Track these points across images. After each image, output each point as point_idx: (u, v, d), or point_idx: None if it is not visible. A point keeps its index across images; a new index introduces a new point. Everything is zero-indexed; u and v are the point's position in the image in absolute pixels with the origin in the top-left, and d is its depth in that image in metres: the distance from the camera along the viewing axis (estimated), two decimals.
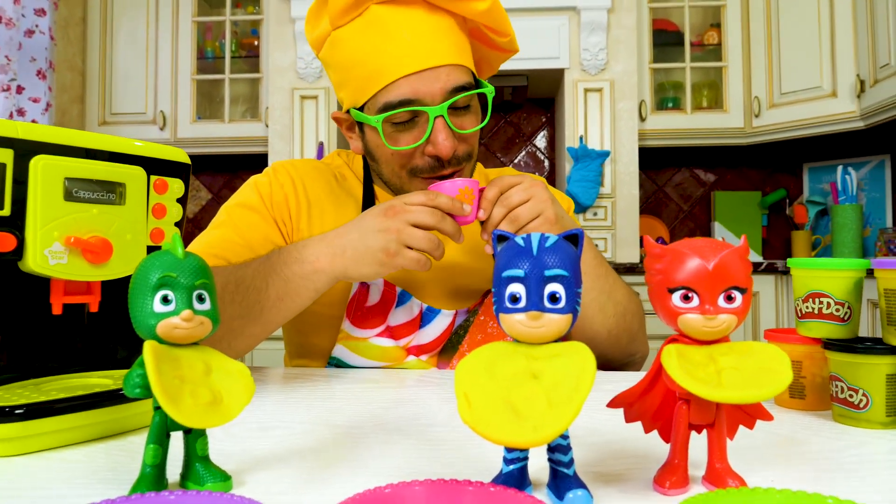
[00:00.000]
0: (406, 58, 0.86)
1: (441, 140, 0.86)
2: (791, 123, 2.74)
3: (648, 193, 3.27)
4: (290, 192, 1.01)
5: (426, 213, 0.78)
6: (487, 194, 0.82)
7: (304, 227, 1.00)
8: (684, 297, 0.43)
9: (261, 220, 0.99)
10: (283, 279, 0.83)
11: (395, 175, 0.94)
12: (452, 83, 0.87)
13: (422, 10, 0.87)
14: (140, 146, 0.64)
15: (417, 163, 0.90)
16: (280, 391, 0.78)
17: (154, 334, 0.43)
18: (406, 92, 0.86)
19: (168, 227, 0.67)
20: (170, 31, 3.06)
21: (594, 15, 2.76)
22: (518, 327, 0.42)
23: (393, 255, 0.78)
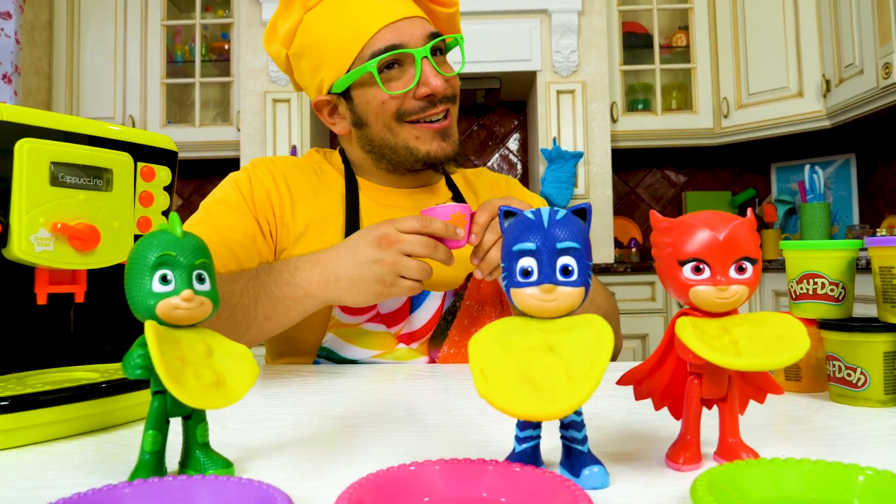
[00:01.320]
0: (384, 10, 0.93)
1: (432, 78, 0.92)
2: (759, 123, 2.79)
3: (620, 194, 3.30)
4: (271, 188, 0.99)
5: (420, 244, 0.78)
6: (479, 219, 0.82)
7: (289, 222, 0.99)
8: (695, 269, 0.43)
9: (240, 219, 0.96)
10: (273, 300, 0.83)
11: (387, 129, 0.96)
12: (428, 29, 0.95)
13: None
14: (127, 132, 0.62)
15: (408, 106, 0.94)
16: (269, 387, 0.76)
17: (153, 315, 0.41)
18: (390, 38, 0.92)
19: (155, 215, 0.65)
20: (139, 35, 3.01)
21: (565, 18, 2.79)
22: (531, 301, 0.41)
23: (389, 286, 0.79)
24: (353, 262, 0.79)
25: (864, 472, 0.37)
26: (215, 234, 0.93)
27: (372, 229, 0.80)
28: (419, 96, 0.94)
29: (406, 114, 0.95)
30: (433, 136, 0.96)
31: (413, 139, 0.96)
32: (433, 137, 0.96)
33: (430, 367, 0.92)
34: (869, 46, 2.28)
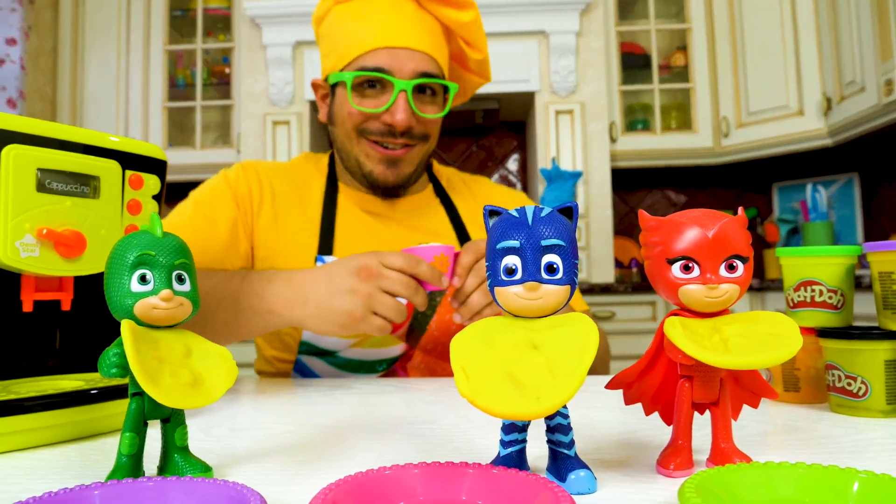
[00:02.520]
0: (389, 33, 0.95)
1: (399, 112, 0.94)
2: (760, 142, 2.79)
3: (621, 215, 3.30)
4: (254, 185, 1.02)
5: (401, 284, 0.76)
6: (463, 260, 0.80)
7: (266, 218, 1.00)
8: (684, 267, 0.42)
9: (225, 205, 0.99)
10: (236, 308, 0.81)
11: (347, 137, 1.00)
12: (423, 68, 0.96)
13: (412, 5, 0.97)
14: (115, 140, 0.62)
15: (370, 125, 0.97)
16: (253, 398, 0.75)
17: (131, 315, 0.41)
18: (381, 61, 0.95)
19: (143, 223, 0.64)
20: (141, 60, 3.04)
21: (563, 39, 2.81)
22: (515, 300, 0.40)
23: (357, 320, 0.76)
24: (327, 288, 0.77)
25: (860, 475, 0.36)
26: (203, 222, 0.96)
27: (355, 257, 0.78)
28: (383, 122, 0.97)
29: (366, 132, 0.98)
30: (381, 160, 0.99)
31: (364, 155, 1.00)
32: (380, 161, 0.99)
33: (420, 381, 0.91)
34: (870, 63, 2.29)
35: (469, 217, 1.09)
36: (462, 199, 1.13)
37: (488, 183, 1.20)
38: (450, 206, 1.09)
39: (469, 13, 0.99)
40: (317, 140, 3.02)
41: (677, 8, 3.12)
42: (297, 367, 0.98)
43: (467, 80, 1.10)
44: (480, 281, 0.78)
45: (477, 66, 1.07)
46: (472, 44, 1.03)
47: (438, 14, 0.99)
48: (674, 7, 3.15)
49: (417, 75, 0.95)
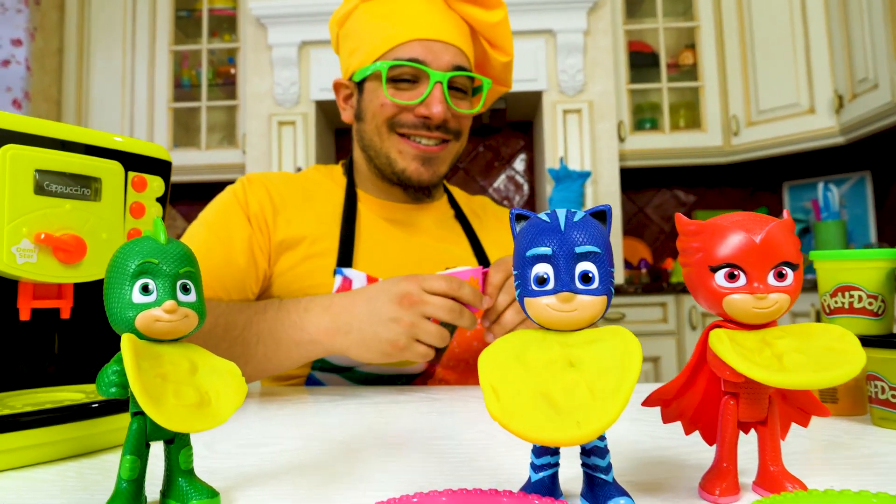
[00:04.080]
0: (422, 25, 0.93)
1: (436, 103, 0.91)
2: (770, 141, 2.76)
3: (629, 215, 3.26)
4: (264, 200, 0.98)
5: (445, 309, 0.73)
6: (493, 279, 0.78)
7: (282, 232, 0.96)
8: (729, 275, 0.39)
9: (239, 227, 0.94)
10: (276, 340, 0.79)
11: (377, 132, 0.96)
12: (458, 61, 0.94)
13: (441, 4, 0.96)
14: (117, 140, 0.59)
15: (403, 118, 0.94)
16: (263, 409, 0.72)
17: (132, 328, 0.38)
18: (417, 52, 0.92)
19: (147, 227, 0.61)
20: (146, 61, 3.02)
21: (570, 37, 2.78)
22: (547, 312, 0.37)
23: (401, 349, 0.74)
24: (369, 316, 0.74)
25: None
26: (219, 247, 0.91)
27: (395, 283, 0.75)
28: (417, 114, 0.94)
29: (399, 124, 0.95)
30: (415, 157, 0.96)
31: (396, 151, 0.96)
32: (415, 158, 0.96)
33: (436, 389, 0.88)
34: (882, 60, 2.25)
35: (483, 234, 1.07)
36: (474, 215, 1.11)
37: (491, 202, 1.19)
38: (462, 219, 1.07)
39: (497, 13, 0.97)
40: (322, 141, 2.99)
41: (685, 6, 3.08)
42: (309, 382, 0.95)
43: (491, 90, 1.08)
44: (512, 299, 0.77)
45: (500, 71, 1.04)
46: (499, 45, 1.00)
47: (466, 14, 0.97)
48: (681, 5, 3.11)
49: (452, 68, 0.93)
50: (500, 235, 1.09)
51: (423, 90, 0.93)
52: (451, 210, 1.08)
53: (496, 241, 1.07)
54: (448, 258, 1.00)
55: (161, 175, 0.63)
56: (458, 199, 1.11)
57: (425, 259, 0.98)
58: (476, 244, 1.03)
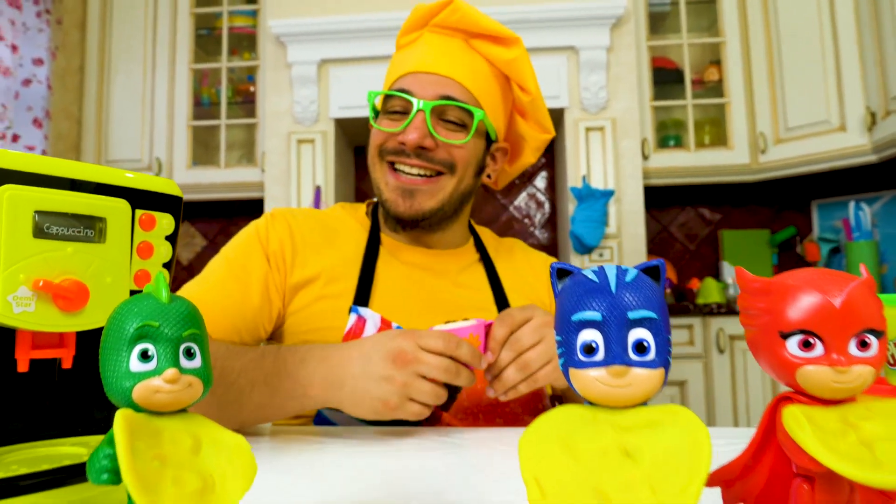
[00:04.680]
0: (419, 60, 0.95)
1: (411, 129, 0.91)
2: (799, 159, 2.68)
3: (653, 233, 3.20)
4: (284, 237, 0.96)
5: (441, 369, 0.70)
6: (496, 334, 0.75)
7: (298, 270, 0.95)
8: (804, 343, 0.34)
9: (258, 264, 0.93)
10: (271, 390, 0.75)
11: (372, 162, 0.99)
12: (447, 91, 0.93)
13: (461, 43, 0.96)
14: (123, 176, 0.55)
15: (388, 145, 0.95)
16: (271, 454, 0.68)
17: (129, 400, 0.34)
18: (406, 83, 0.94)
19: (155, 268, 0.58)
20: (166, 79, 3.03)
21: (593, 54, 2.73)
22: (596, 386, 0.33)
23: (392, 408, 0.70)
24: (362, 372, 0.71)
25: None
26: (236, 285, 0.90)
27: (391, 339, 0.72)
28: (398, 140, 0.93)
29: (385, 151, 0.96)
30: (396, 188, 0.94)
31: (383, 181, 0.96)
32: (395, 189, 0.94)
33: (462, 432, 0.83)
34: None
35: (507, 281, 1.02)
36: (500, 259, 1.06)
37: (522, 245, 1.14)
38: (489, 265, 1.03)
39: (513, 50, 0.96)
40: (342, 159, 2.97)
41: (710, 21, 3.03)
42: (318, 419, 0.91)
43: (529, 135, 1.05)
44: (515, 355, 0.74)
45: (531, 114, 1.02)
46: (519, 83, 0.99)
47: (484, 52, 0.96)
48: (706, 20, 3.06)
49: (439, 97, 0.93)
50: (526, 280, 1.04)
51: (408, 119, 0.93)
52: (476, 254, 1.04)
53: (520, 288, 1.02)
54: (466, 305, 0.96)
55: (171, 212, 0.59)
56: (485, 243, 1.08)
57: (442, 305, 0.95)
58: (498, 290, 0.99)
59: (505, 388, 0.74)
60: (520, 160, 1.09)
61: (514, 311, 0.76)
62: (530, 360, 0.73)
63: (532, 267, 1.07)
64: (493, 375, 0.75)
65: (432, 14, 0.96)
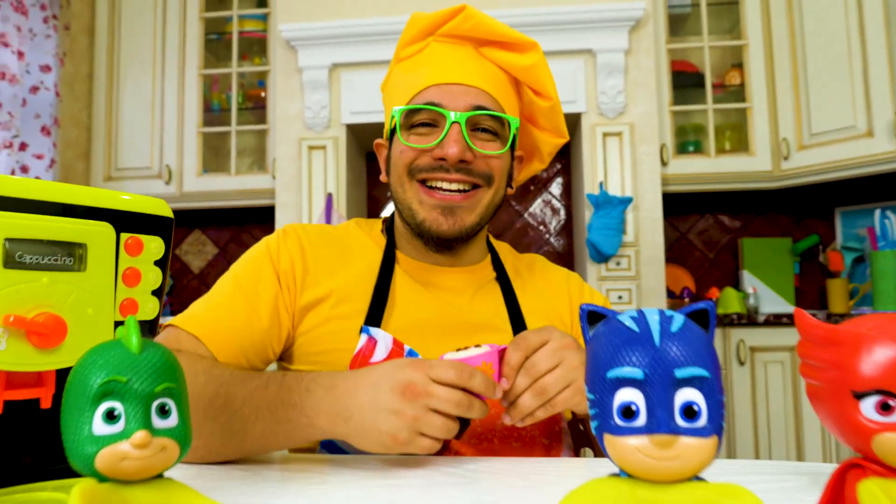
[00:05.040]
0: (441, 71, 0.90)
1: (451, 143, 0.85)
2: (824, 165, 2.61)
3: (671, 241, 3.13)
4: (296, 256, 0.92)
5: (452, 402, 0.65)
6: (510, 359, 0.70)
7: (309, 289, 0.90)
8: (882, 405, 0.29)
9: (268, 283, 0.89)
10: (275, 419, 0.71)
11: (399, 181, 0.92)
12: (479, 102, 0.88)
13: (471, 51, 0.92)
14: (107, 197, 0.51)
15: (421, 162, 0.89)
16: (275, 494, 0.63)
17: (93, 469, 0.29)
18: (432, 96, 0.88)
19: (144, 296, 0.53)
20: (176, 85, 3.00)
21: (611, 57, 2.67)
22: (637, 457, 0.28)
23: (402, 443, 0.65)
24: (370, 404, 0.66)
25: None
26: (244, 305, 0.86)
27: (400, 370, 0.67)
28: (434, 156, 0.88)
29: (418, 169, 0.89)
30: (435, 206, 0.88)
31: (417, 202, 0.90)
32: (434, 207, 0.88)
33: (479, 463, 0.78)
34: None
35: (525, 301, 0.97)
36: (519, 277, 1.01)
37: (542, 261, 1.08)
38: (506, 284, 0.97)
39: (529, 56, 0.91)
40: (353, 165, 2.93)
41: (731, 23, 2.96)
42: (326, 443, 0.86)
43: (542, 141, 1.01)
44: (531, 381, 0.69)
45: (548, 120, 0.97)
46: (538, 90, 0.94)
47: (498, 60, 0.92)
48: (728, 22, 3.00)
49: (472, 108, 0.88)
50: (545, 299, 0.99)
51: (440, 133, 0.87)
52: (493, 273, 0.99)
53: (538, 308, 0.97)
54: (481, 326, 0.91)
55: (160, 234, 0.55)
56: (503, 260, 1.02)
57: (456, 326, 0.91)
58: (514, 311, 0.94)
59: (521, 416, 0.70)
60: (531, 166, 1.04)
61: (530, 335, 0.72)
62: (547, 386, 0.69)
63: (551, 284, 1.01)
64: (509, 402, 0.70)
65: (440, 23, 0.91)
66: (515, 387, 0.69)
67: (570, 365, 0.70)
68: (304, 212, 2.77)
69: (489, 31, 0.90)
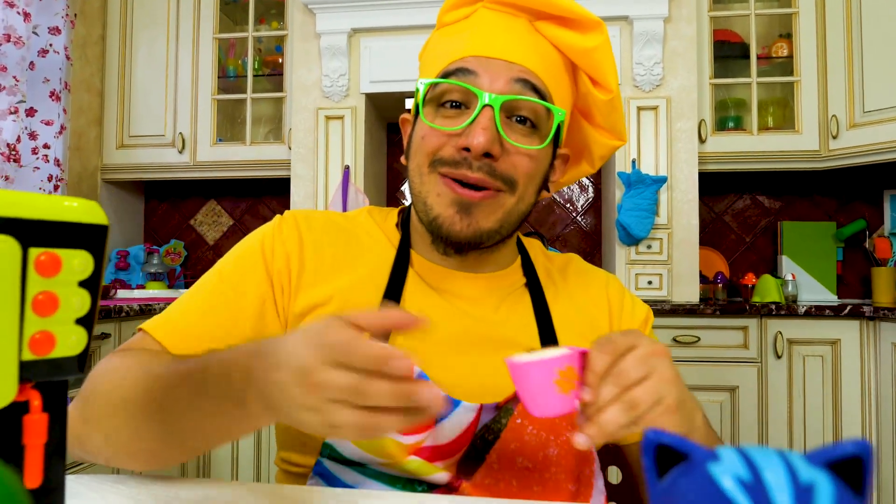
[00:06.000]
0: (482, 41, 0.75)
1: (478, 130, 0.71)
2: (876, 146, 2.42)
3: (705, 222, 2.96)
4: (293, 255, 0.79)
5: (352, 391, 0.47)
6: (596, 364, 0.56)
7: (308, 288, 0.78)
8: None
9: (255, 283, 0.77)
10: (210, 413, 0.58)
11: (418, 170, 0.78)
12: (521, 75, 0.74)
13: (524, 24, 0.77)
14: (9, 202, 0.39)
15: (445, 153, 0.75)
16: None
17: None
18: (469, 63, 0.74)
19: (64, 327, 0.41)
20: (190, 49, 2.88)
21: (649, 25, 2.49)
22: None
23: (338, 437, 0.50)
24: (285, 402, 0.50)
25: None
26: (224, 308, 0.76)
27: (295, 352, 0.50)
28: (458, 146, 0.73)
29: (440, 161, 0.75)
30: (452, 202, 0.74)
31: (434, 194, 0.75)
32: (452, 203, 0.74)
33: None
34: None
35: (558, 312, 0.83)
36: (551, 283, 0.86)
37: (578, 261, 0.93)
38: (537, 291, 0.83)
39: (592, 37, 0.75)
40: (373, 136, 2.80)
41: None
42: (319, 469, 0.75)
43: (595, 140, 0.85)
44: (619, 390, 0.54)
45: (605, 117, 0.82)
46: (597, 79, 0.79)
47: (555, 39, 0.77)
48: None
49: (511, 90, 0.73)
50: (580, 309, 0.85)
51: (469, 116, 0.73)
52: (523, 278, 0.85)
53: (572, 320, 0.82)
54: (506, 342, 0.78)
55: (88, 247, 0.43)
56: (534, 261, 0.87)
57: (478, 340, 0.77)
58: (545, 323, 0.80)
59: (605, 437, 0.55)
60: (577, 169, 0.89)
61: (616, 336, 0.58)
62: (638, 399, 0.55)
63: (588, 290, 0.87)
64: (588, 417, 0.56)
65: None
66: (601, 397, 0.55)
67: (662, 376, 0.56)
68: (319, 185, 2.65)
69: (549, 2, 0.75)
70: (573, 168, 0.88)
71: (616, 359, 0.55)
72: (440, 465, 0.73)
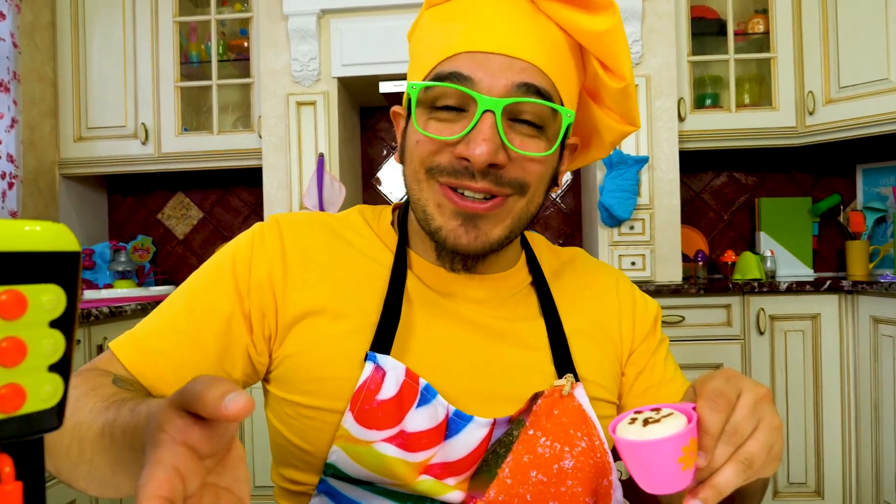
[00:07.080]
0: (481, 34, 0.66)
1: (479, 140, 0.64)
2: (851, 122, 2.42)
3: (684, 200, 2.95)
4: (275, 265, 0.73)
5: None
6: (711, 426, 0.50)
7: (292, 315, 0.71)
8: None
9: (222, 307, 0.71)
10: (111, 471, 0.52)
11: (414, 177, 0.71)
12: (524, 78, 0.66)
13: (526, 5, 0.69)
14: None
15: (441, 160, 0.68)
16: None
17: None
18: (463, 66, 0.66)
19: (35, 376, 0.35)
20: (149, 34, 2.75)
21: (626, 2, 2.44)
22: None
23: None
24: None
25: None
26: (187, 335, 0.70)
27: None
28: (457, 154, 0.66)
29: (438, 170, 0.68)
30: (455, 215, 0.68)
31: (434, 205, 0.69)
32: (455, 216, 0.68)
33: None
34: None
35: (565, 313, 0.77)
36: (557, 281, 0.81)
37: (584, 256, 0.87)
38: (543, 290, 0.78)
39: (605, 19, 0.67)
40: (346, 122, 2.71)
41: None
42: (324, 488, 0.70)
43: (605, 125, 0.78)
44: (734, 449, 0.50)
45: (617, 103, 0.75)
46: (609, 65, 0.71)
47: (562, 20, 0.68)
48: None
49: (513, 92, 0.65)
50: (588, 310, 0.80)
51: (469, 122, 0.65)
52: (529, 276, 0.80)
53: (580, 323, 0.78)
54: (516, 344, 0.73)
55: (58, 280, 0.36)
56: (539, 257, 0.82)
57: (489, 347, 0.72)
58: (553, 325, 0.75)
59: (720, 496, 0.51)
60: (587, 154, 0.82)
61: (723, 386, 0.53)
62: (753, 456, 0.51)
63: (596, 289, 0.82)
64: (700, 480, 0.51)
65: None
66: (715, 459, 0.51)
67: (770, 425, 0.52)
68: (293, 174, 2.56)
69: None
70: (582, 154, 0.82)
71: (730, 409, 0.51)
72: (452, 483, 0.69)
